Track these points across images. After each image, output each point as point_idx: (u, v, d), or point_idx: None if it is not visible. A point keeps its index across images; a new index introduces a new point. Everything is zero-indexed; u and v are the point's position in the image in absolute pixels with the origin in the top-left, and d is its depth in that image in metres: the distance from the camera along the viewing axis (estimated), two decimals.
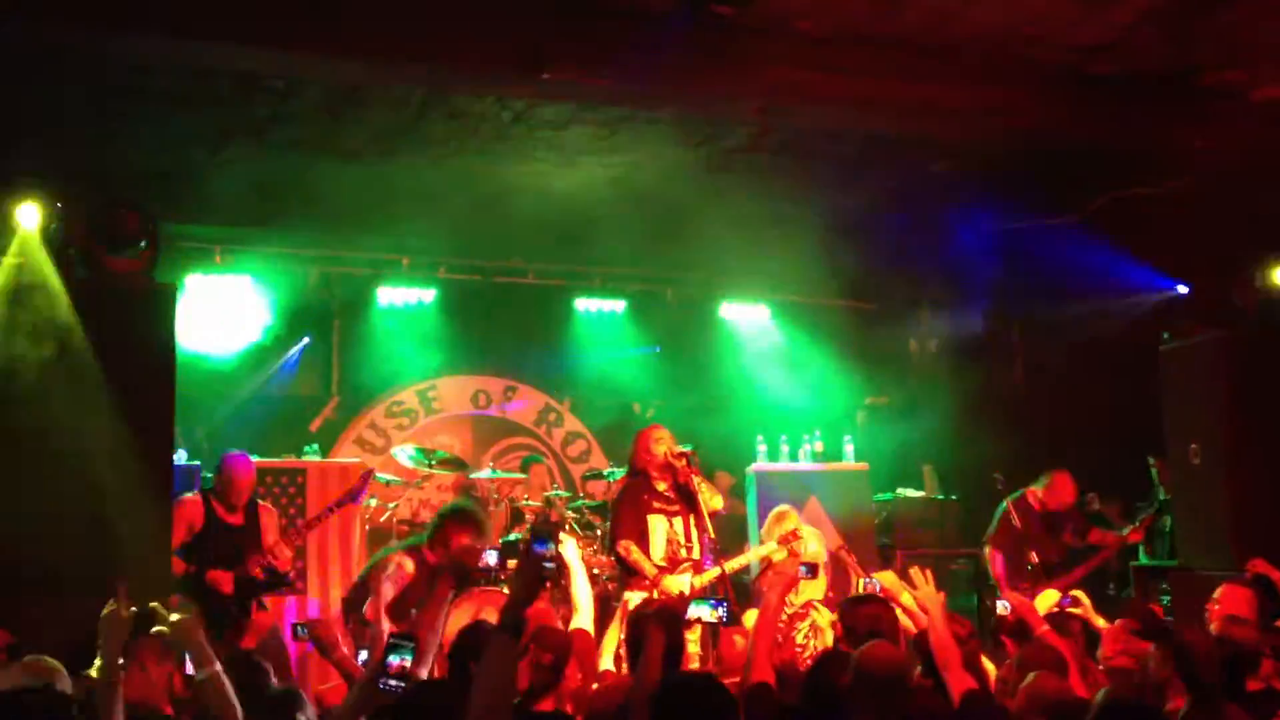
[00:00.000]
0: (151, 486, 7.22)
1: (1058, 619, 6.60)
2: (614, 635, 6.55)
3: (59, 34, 6.83)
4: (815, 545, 8.41)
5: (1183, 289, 10.24)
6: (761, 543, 8.50)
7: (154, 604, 5.27)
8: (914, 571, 5.67)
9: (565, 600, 7.61)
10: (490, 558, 7.87)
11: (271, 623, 8.04)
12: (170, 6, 6.63)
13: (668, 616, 5.35)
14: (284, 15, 6.84)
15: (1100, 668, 5.86)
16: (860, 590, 6.85)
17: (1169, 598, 9.39)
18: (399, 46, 7.16)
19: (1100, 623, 6.92)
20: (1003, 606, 6.65)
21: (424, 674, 4.84)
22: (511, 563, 7.71)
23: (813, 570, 7.48)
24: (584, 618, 6.45)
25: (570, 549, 6.98)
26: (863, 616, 5.53)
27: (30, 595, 6.46)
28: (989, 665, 5.84)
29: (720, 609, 5.95)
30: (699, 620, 5.63)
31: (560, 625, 6.58)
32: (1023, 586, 9.14)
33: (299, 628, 5.91)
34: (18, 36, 6.86)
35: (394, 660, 4.43)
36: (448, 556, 6.77)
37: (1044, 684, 4.74)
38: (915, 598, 5.71)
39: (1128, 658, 5.71)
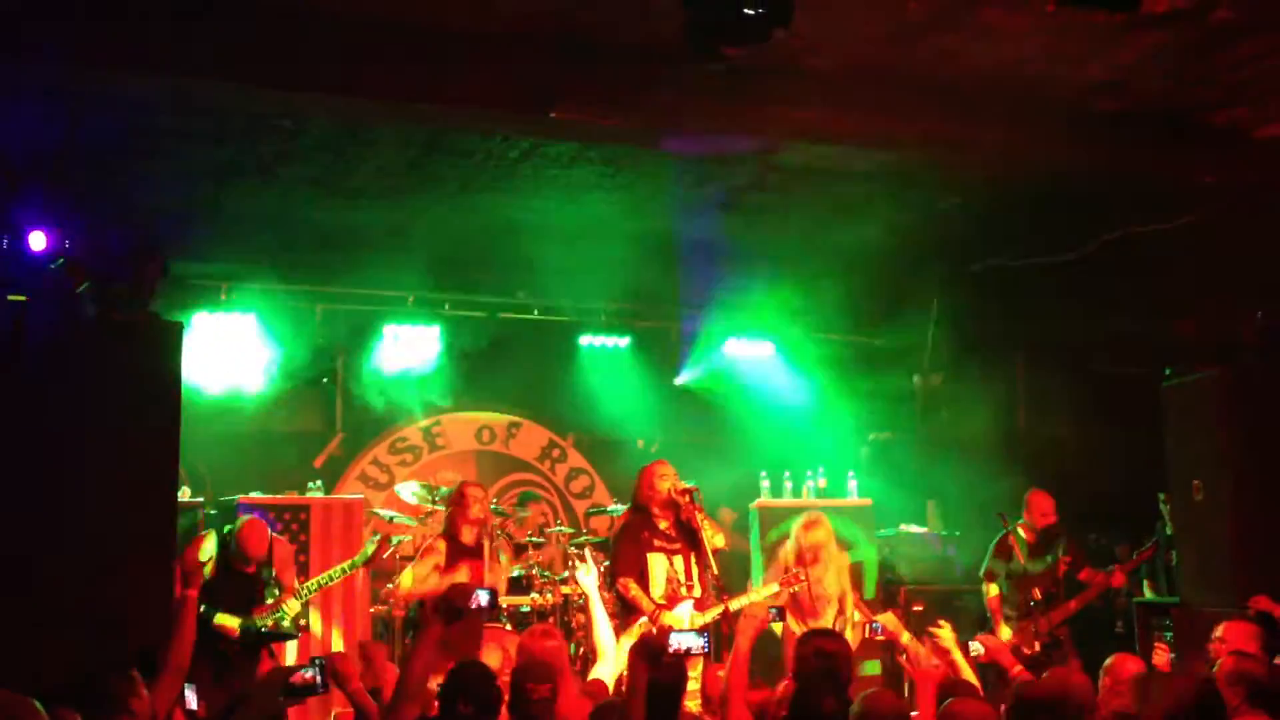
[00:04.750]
0: (154, 523, 7.20)
1: None
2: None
3: (69, 76, 6.85)
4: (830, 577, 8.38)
5: (1186, 325, 10.24)
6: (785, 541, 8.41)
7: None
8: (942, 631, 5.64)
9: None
10: (483, 597, 7.86)
11: (270, 666, 7.84)
12: (179, 50, 6.64)
13: (651, 651, 5.24)
14: (293, 56, 6.86)
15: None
16: (865, 634, 6.82)
17: (1171, 634, 9.36)
18: (407, 86, 7.19)
19: None
20: (975, 648, 6.62)
21: (416, 710, 4.84)
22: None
23: (781, 614, 7.46)
24: (606, 665, 6.26)
25: (589, 578, 6.88)
26: (805, 655, 5.41)
27: (27, 630, 6.43)
28: None
29: (704, 638, 5.67)
30: (687, 652, 5.52)
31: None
32: (1020, 622, 9.13)
33: (315, 660, 5.90)
34: (32, 77, 6.88)
35: None
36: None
37: (960, 709, 4.68)
38: (906, 647, 5.69)
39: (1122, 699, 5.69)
